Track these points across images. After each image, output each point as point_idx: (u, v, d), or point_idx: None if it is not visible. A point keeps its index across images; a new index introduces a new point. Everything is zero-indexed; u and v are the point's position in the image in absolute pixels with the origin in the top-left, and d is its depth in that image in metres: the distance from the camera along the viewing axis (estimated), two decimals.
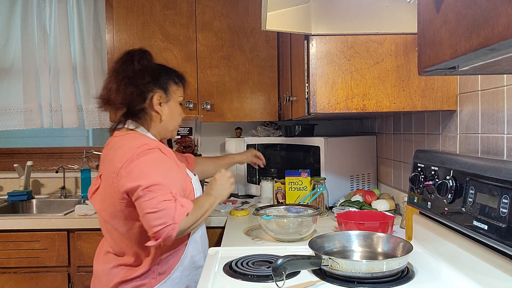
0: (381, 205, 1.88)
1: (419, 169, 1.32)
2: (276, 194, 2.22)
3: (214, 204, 1.47)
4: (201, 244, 1.54)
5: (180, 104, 1.58)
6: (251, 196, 2.51)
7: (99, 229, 2.20)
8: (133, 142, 1.41)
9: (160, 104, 1.50)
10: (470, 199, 1.03)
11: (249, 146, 2.50)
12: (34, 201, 2.76)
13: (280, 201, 2.19)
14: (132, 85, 1.44)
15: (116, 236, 1.46)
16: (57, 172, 2.81)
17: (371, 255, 1.23)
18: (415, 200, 1.33)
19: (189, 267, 1.50)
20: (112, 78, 1.46)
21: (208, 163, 1.96)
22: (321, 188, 1.94)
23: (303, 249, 1.32)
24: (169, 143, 2.25)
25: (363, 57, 1.47)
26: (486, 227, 0.95)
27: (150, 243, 1.32)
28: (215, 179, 1.53)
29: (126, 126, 1.50)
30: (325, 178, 2.02)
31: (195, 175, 1.61)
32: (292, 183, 2.09)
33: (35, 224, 2.22)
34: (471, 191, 1.03)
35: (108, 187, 1.40)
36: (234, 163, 2.08)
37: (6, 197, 2.71)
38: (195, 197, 1.50)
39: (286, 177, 2.11)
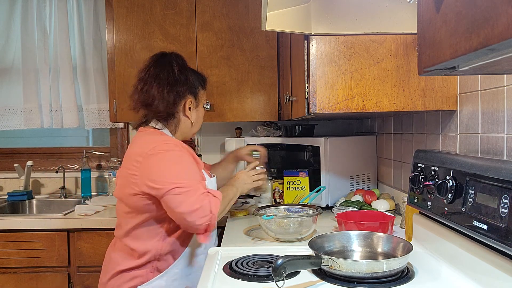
0: (381, 205, 1.88)
1: (419, 169, 1.32)
2: (273, 193, 2.22)
3: (237, 194, 1.57)
4: (205, 245, 1.54)
5: (203, 106, 1.65)
6: (251, 196, 2.51)
7: (99, 229, 2.22)
8: (157, 137, 1.49)
9: (190, 109, 1.58)
10: (470, 199, 1.03)
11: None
12: (34, 201, 2.76)
13: (278, 201, 2.19)
14: (173, 92, 1.52)
15: (126, 224, 1.50)
16: (57, 172, 2.81)
17: (371, 255, 1.23)
18: (415, 200, 1.33)
19: (190, 267, 1.50)
20: (154, 84, 1.52)
21: (216, 166, 1.94)
22: (322, 188, 1.94)
23: (303, 249, 1.32)
24: None
25: (363, 57, 1.47)
26: (486, 227, 0.95)
27: (201, 239, 1.39)
28: (238, 173, 1.64)
29: (151, 124, 1.56)
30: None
31: (211, 176, 1.65)
32: (290, 183, 2.09)
33: (35, 224, 2.22)
34: (471, 191, 1.03)
35: (125, 177, 1.45)
36: (237, 157, 1.98)
37: (6, 197, 2.72)
38: None
39: (284, 177, 2.11)
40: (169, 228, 1.47)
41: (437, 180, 1.19)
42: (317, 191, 1.93)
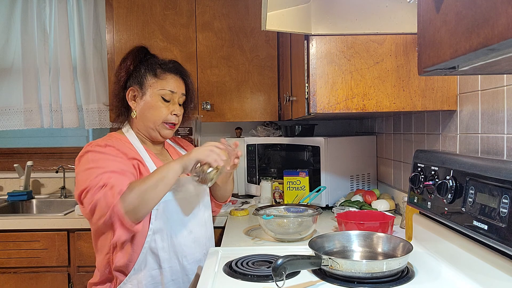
0: (381, 205, 1.88)
1: (419, 169, 1.32)
2: (273, 193, 2.22)
3: (168, 169, 1.25)
4: (164, 259, 1.35)
5: (163, 98, 1.42)
6: (251, 196, 2.52)
7: None
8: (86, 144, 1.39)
9: (135, 99, 1.43)
10: (470, 199, 1.03)
11: (249, 146, 2.50)
12: (34, 201, 2.76)
13: (278, 201, 2.19)
14: (115, 85, 1.46)
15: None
16: (57, 172, 2.81)
17: (371, 255, 1.23)
18: (415, 200, 1.33)
19: (146, 283, 1.33)
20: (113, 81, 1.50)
21: None
22: (322, 188, 1.94)
23: (303, 249, 1.32)
24: None
25: (363, 57, 1.47)
26: (486, 227, 0.95)
27: (115, 239, 1.24)
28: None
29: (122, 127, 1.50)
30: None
31: None
32: (291, 183, 2.09)
33: (35, 224, 2.22)
34: (471, 191, 1.03)
35: None
36: None
37: (6, 197, 2.72)
38: None
39: (284, 177, 2.11)
40: (112, 239, 1.29)
41: (437, 180, 1.19)
42: (317, 191, 1.93)
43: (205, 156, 1.27)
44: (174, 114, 1.44)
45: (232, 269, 1.18)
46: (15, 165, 2.77)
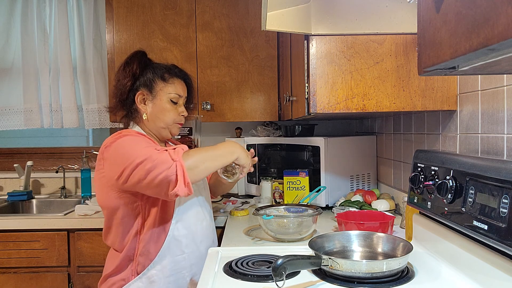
0: (381, 205, 1.88)
1: (419, 169, 1.32)
2: (273, 193, 2.22)
3: (232, 150, 1.42)
4: (186, 245, 1.49)
5: (172, 100, 1.55)
6: (251, 196, 2.51)
7: (99, 229, 2.22)
8: (107, 139, 1.49)
9: (145, 102, 1.55)
10: (470, 199, 1.03)
11: (249, 146, 2.50)
12: (34, 201, 2.76)
13: (278, 201, 2.19)
14: (118, 87, 1.55)
15: (105, 226, 1.54)
16: (57, 172, 2.81)
17: (371, 255, 1.23)
18: (415, 200, 1.33)
19: (170, 268, 1.46)
20: (115, 84, 1.58)
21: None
22: (322, 188, 1.94)
23: (303, 249, 1.32)
24: None
25: (363, 57, 1.47)
26: (486, 227, 0.95)
27: (171, 195, 1.29)
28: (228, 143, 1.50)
29: (129, 127, 1.60)
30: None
31: None
32: (291, 183, 2.09)
33: (35, 224, 2.22)
34: (471, 191, 1.03)
35: (97, 179, 1.48)
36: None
37: (6, 197, 2.72)
38: None
39: (284, 177, 2.11)
40: (140, 226, 1.45)
41: (437, 180, 1.19)
42: (317, 191, 1.93)
43: (245, 159, 1.47)
44: (182, 115, 1.59)
45: (232, 269, 1.18)
46: (15, 165, 2.77)
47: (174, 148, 1.34)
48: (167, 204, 1.45)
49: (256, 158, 1.58)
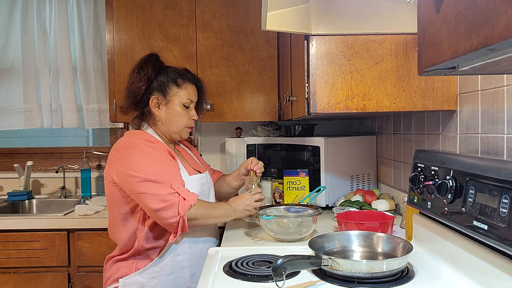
0: (381, 205, 1.88)
1: (419, 169, 1.32)
2: (273, 193, 2.22)
3: (229, 214, 1.55)
4: (187, 244, 1.54)
5: (184, 105, 1.61)
6: None
7: (99, 229, 2.22)
8: (134, 133, 1.55)
9: (159, 106, 1.59)
10: (470, 199, 1.03)
11: (249, 146, 2.50)
12: (34, 201, 2.76)
13: (278, 201, 2.19)
14: (132, 90, 1.59)
15: (110, 217, 1.58)
16: (57, 172, 2.81)
17: (371, 255, 1.23)
18: (415, 200, 1.33)
19: (171, 266, 1.51)
20: (128, 87, 1.62)
21: (228, 177, 1.90)
22: (322, 188, 1.94)
23: (303, 249, 1.32)
24: None
25: (363, 57, 1.47)
26: (486, 227, 0.95)
27: (171, 239, 1.43)
28: (243, 196, 1.62)
29: (141, 127, 1.64)
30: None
31: (203, 171, 1.69)
32: (291, 183, 2.09)
33: (35, 224, 2.22)
34: (471, 191, 1.03)
35: (106, 174, 1.53)
36: (239, 173, 1.90)
37: (6, 197, 2.72)
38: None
39: (284, 177, 2.11)
40: (142, 223, 1.50)
41: (437, 180, 1.19)
42: (317, 191, 1.93)
43: (243, 214, 1.60)
44: (192, 119, 1.65)
45: (232, 269, 1.18)
46: (15, 165, 2.77)
47: (185, 198, 1.42)
48: None
49: (261, 165, 1.74)
